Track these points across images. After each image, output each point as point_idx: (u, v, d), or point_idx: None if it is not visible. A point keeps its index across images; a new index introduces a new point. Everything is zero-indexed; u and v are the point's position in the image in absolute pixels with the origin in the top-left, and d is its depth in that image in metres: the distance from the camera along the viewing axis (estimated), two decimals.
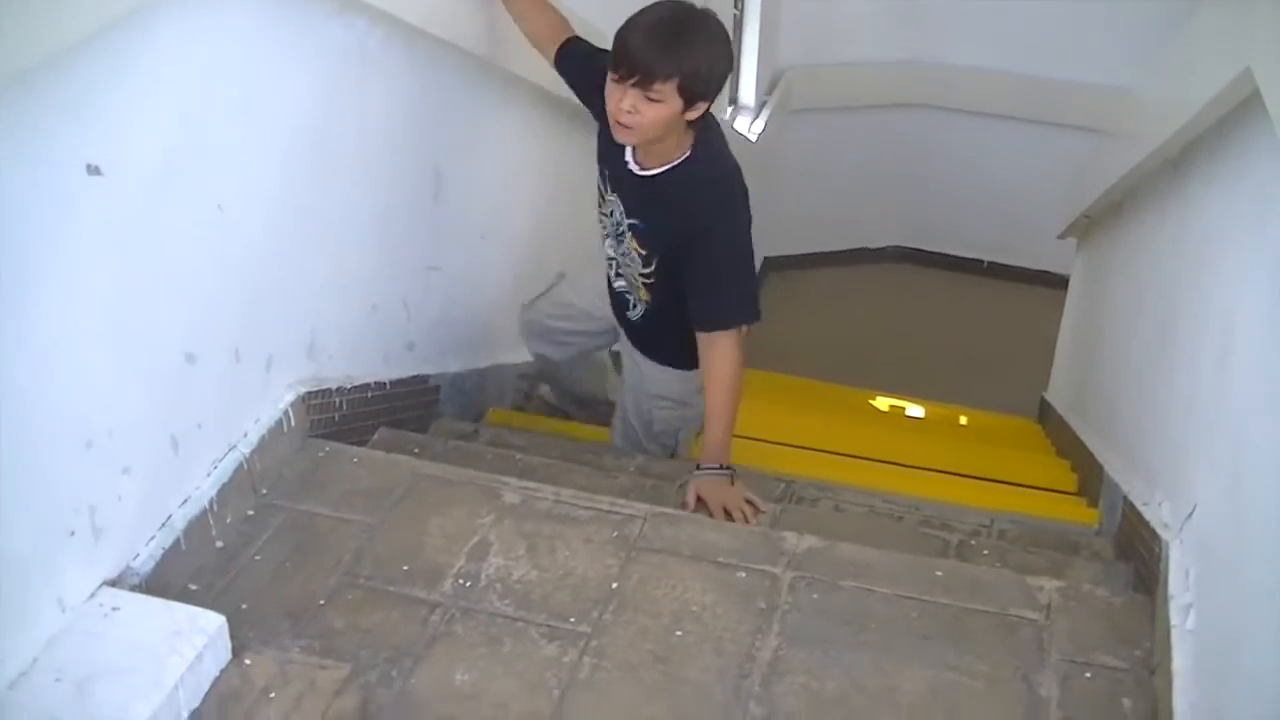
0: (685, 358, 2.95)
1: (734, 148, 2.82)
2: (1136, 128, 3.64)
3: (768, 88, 7.12)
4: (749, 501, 2.70)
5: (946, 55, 7.49)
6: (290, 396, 2.59)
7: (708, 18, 2.57)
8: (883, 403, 6.03)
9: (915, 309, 7.75)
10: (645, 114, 2.56)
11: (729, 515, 2.64)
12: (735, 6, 6.55)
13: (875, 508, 3.13)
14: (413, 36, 2.76)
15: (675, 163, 2.72)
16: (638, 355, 3.21)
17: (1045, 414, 5.68)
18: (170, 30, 1.96)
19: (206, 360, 2.27)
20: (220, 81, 2.17)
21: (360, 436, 2.88)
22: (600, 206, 2.96)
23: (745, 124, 6.75)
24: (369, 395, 2.92)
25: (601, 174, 2.92)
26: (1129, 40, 6.15)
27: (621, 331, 3.23)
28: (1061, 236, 5.83)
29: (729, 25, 6.18)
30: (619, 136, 2.66)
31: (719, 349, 2.77)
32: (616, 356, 3.47)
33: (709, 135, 2.75)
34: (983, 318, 7.63)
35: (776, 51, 7.24)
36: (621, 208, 2.86)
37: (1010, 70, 7.41)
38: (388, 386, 3.02)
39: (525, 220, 3.88)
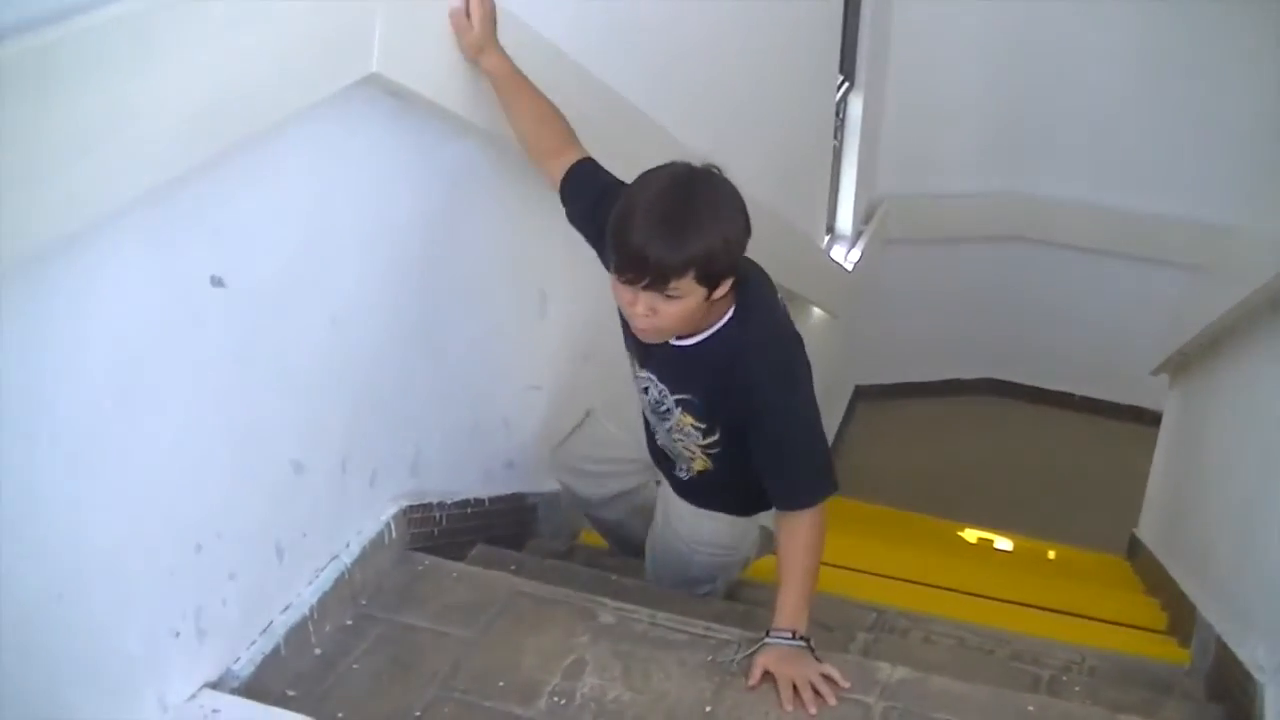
0: (742, 506, 2.78)
1: (831, 277, 2.79)
2: (1238, 265, 3.63)
3: (864, 217, 7.17)
4: (827, 678, 2.34)
5: (1042, 187, 7.54)
6: (393, 509, 2.63)
7: (712, 182, 2.25)
8: (971, 535, 5.98)
9: (1006, 441, 7.70)
10: (665, 313, 2.25)
11: (800, 693, 2.30)
12: (834, 136, 6.62)
13: (965, 640, 3.10)
14: (524, 160, 2.82)
15: (715, 329, 2.41)
16: (681, 504, 2.84)
17: (1135, 551, 5.60)
18: (296, 149, 2.05)
19: (315, 470, 2.32)
20: (339, 199, 2.25)
21: (458, 551, 2.90)
22: (634, 379, 2.68)
23: (841, 253, 6.78)
24: (468, 511, 2.95)
25: (628, 347, 2.63)
26: (1229, 176, 6.18)
27: (661, 477, 2.93)
28: (1155, 373, 5.79)
29: (828, 156, 6.27)
30: (644, 338, 2.40)
31: (802, 521, 2.45)
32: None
33: (749, 289, 2.41)
34: (1073, 452, 7.56)
35: (875, 181, 7.30)
36: (660, 385, 2.57)
37: (1106, 204, 7.44)
38: (486, 503, 3.05)
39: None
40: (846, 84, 6.71)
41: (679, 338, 2.42)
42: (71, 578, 1.72)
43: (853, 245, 6.89)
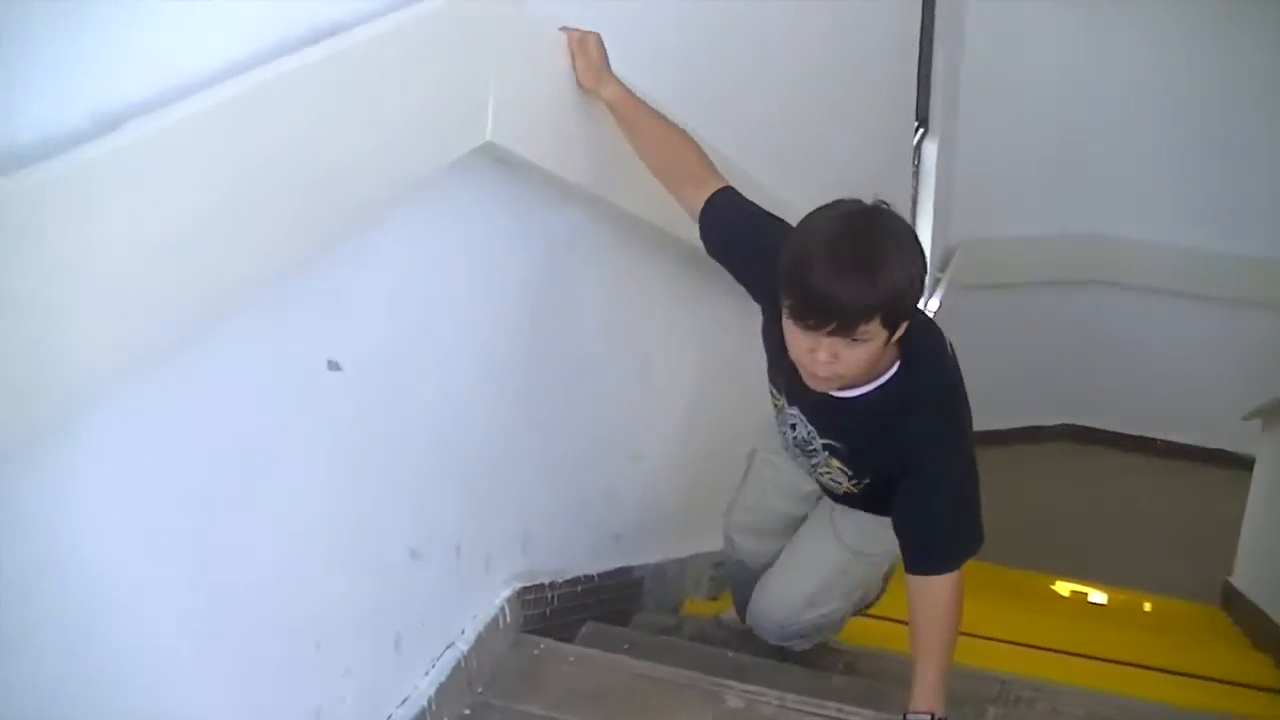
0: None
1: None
2: None
3: (940, 263, 7.06)
4: None
5: (1118, 229, 7.43)
6: (506, 592, 2.55)
7: (891, 219, 2.10)
8: (1064, 588, 5.83)
9: (1088, 488, 7.52)
10: (848, 359, 2.08)
11: None
12: (912, 180, 6.52)
13: (1094, 711, 2.98)
14: (626, 224, 2.74)
15: (882, 380, 2.24)
16: (843, 512, 2.70)
17: (1231, 599, 5.46)
18: (405, 224, 1.98)
19: (431, 556, 2.24)
20: (449, 273, 2.18)
21: (569, 630, 2.81)
22: (776, 413, 2.54)
23: (920, 304, 6.64)
24: (578, 589, 2.86)
25: (774, 381, 2.48)
26: None
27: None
28: (1247, 418, 5.63)
29: (907, 203, 6.18)
30: (816, 387, 2.20)
31: (937, 587, 2.28)
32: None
33: (917, 333, 2.22)
34: (1157, 497, 7.37)
35: (950, 228, 7.21)
36: (809, 426, 2.43)
37: (1184, 245, 7.31)
38: (595, 579, 2.96)
39: (728, 408, 3.83)
40: (922, 130, 6.62)
41: (840, 388, 2.24)
42: (196, 687, 1.64)
43: (931, 293, 6.77)
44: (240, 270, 1.51)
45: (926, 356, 2.29)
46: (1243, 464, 6.48)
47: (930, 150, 6.73)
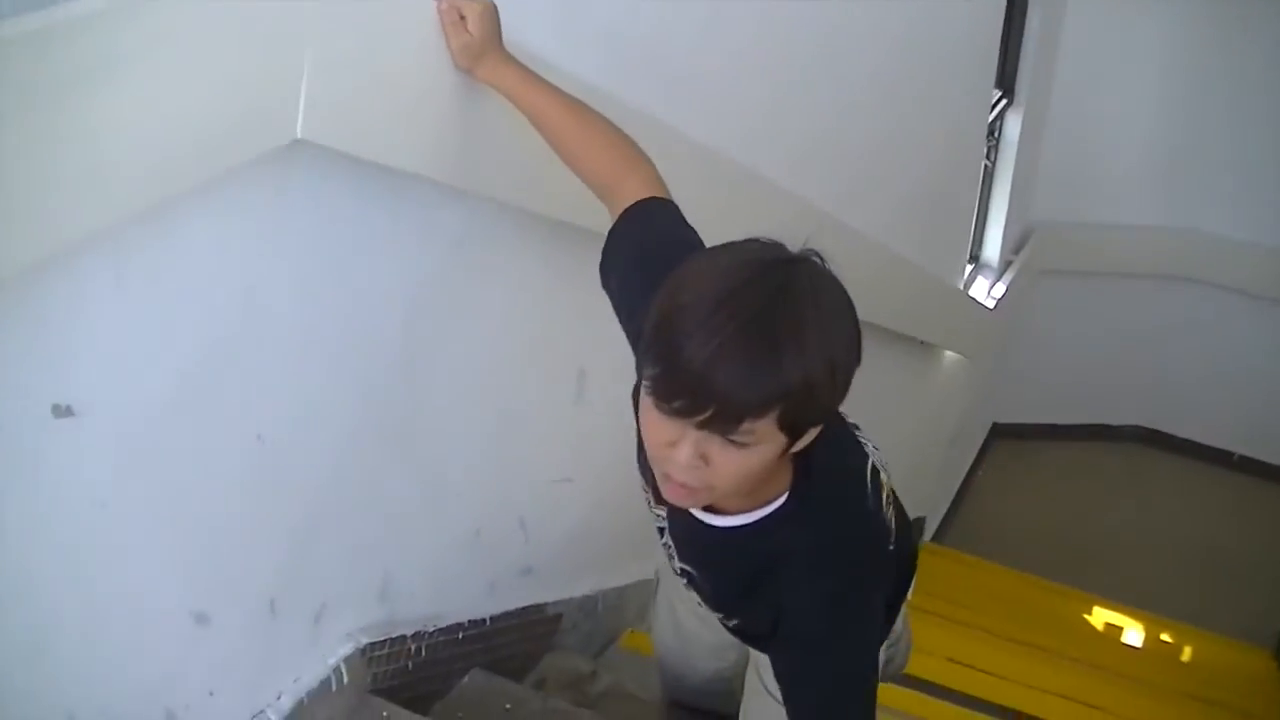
0: None
1: (968, 321, 2.01)
2: None
3: (1014, 246, 6.56)
4: None
5: (1217, 225, 6.92)
6: (345, 649, 2.15)
7: (818, 278, 1.48)
8: (1099, 619, 5.38)
9: (1151, 498, 7.09)
10: (721, 468, 1.50)
11: None
12: (988, 156, 6.01)
13: None
14: (555, 223, 2.31)
15: (763, 512, 1.69)
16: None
17: None
18: (208, 231, 1.61)
19: (226, 618, 1.86)
20: (271, 287, 1.78)
21: (445, 682, 2.43)
22: (649, 507, 1.97)
23: (984, 288, 6.16)
24: (460, 636, 2.46)
25: (642, 467, 1.86)
26: None
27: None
28: None
29: (977, 179, 5.69)
30: (672, 497, 1.60)
31: None
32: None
33: (828, 451, 1.66)
34: (1226, 517, 6.93)
35: (1029, 207, 6.70)
36: (672, 545, 1.92)
37: None
38: (488, 623, 2.55)
39: None
40: (1005, 100, 6.09)
41: (710, 509, 1.72)
42: None
43: (999, 277, 6.28)
44: None
45: (833, 489, 1.71)
46: None
47: (1014, 122, 6.20)
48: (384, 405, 2.11)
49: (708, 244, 1.71)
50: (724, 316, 1.41)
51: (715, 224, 1.79)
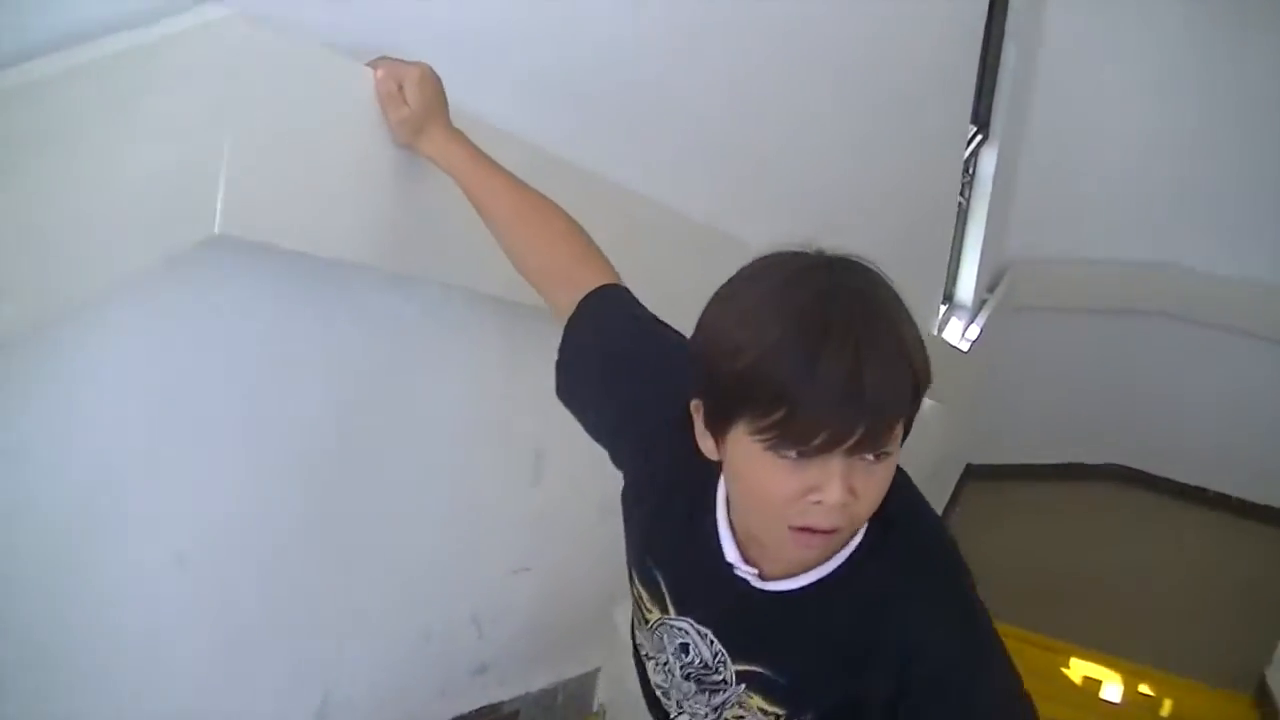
0: None
1: (942, 366, 1.77)
2: None
3: (989, 283, 6.41)
4: None
5: (1195, 260, 6.77)
6: None
7: (869, 271, 1.38)
8: (1077, 672, 5.21)
9: (1128, 538, 6.91)
10: (865, 495, 1.32)
11: None
12: (961, 194, 5.85)
13: None
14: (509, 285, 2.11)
15: (846, 554, 1.43)
16: None
17: (1265, 699, 4.88)
18: (113, 336, 1.46)
19: None
20: (190, 390, 1.62)
21: None
22: (643, 633, 1.67)
23: (958, 329, 5.99)
24: None
25: (642, 579, 1.63)
26: None
27: None
28: None
29: (952, 216, 5.55)
30: (799, 554, 1.38)
31: None
32: None
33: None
34: (1206, 554, 6.76)
35: (1004, 244, 6.56)
36: (716, 647, 1.55)
37: (1263, 281, 6.65)
38: None
39: None
40: (980, 136, 5.94)
41: (766, 575, 1.46)
42: None
43: (973, 317, 6.11)
44: None
45: (908, 503, 1.48)
46: None
47: (989, 158, 6.04)
48: (324, 510, 1.94)
49: (675, 312, 1.59)
50: (830, 325, 1.26)
51: (677, 284, 1.62)
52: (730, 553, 1.46)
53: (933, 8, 4.37)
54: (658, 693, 1.70)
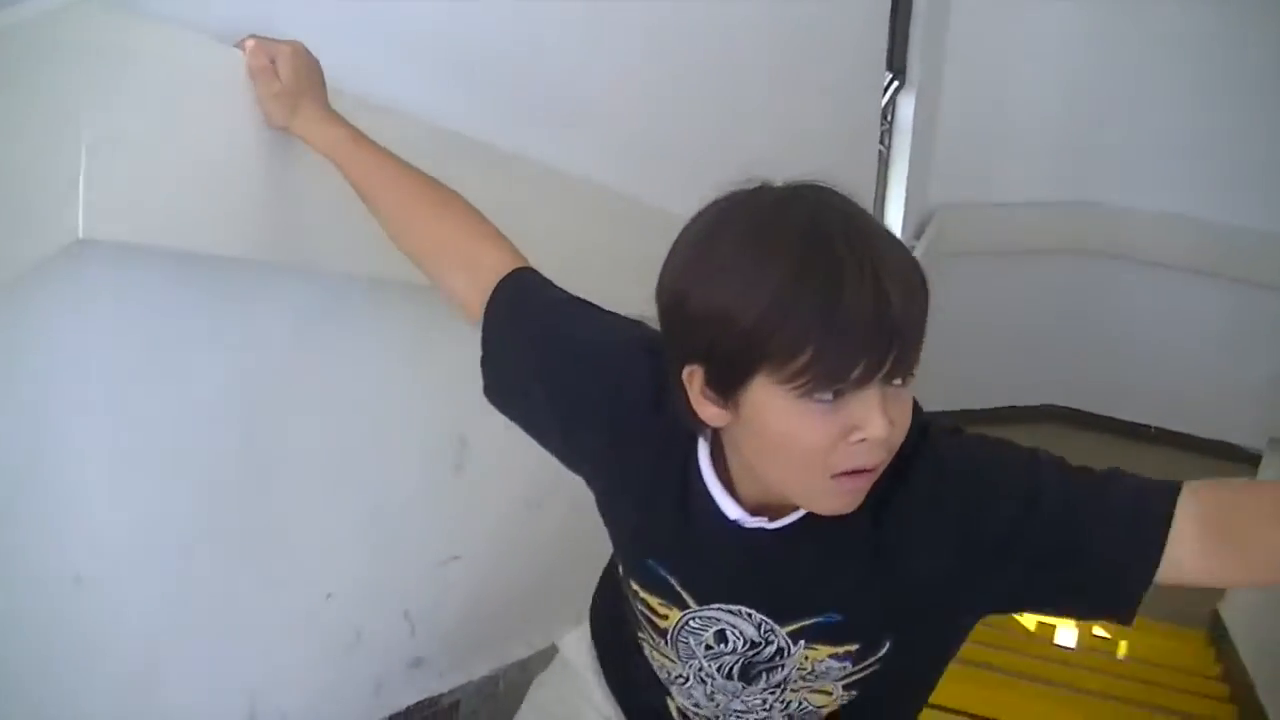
0: None
1: None
2: None
3: (915, 231, 6.37)
4: None
5: (1123, 197, 6.76)
6: None
7: (824, 188, 1.30)
8: (1030, 618, 5.16)
9: None
10: (900, 421, 1.27)
11: None
12: (881, 142, 5.80)
13: None
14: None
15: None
16: None
17: (1218, 633, 4.93)
18: None
19: None
20: (73, 404, 1.53)
21: None
22: (656, 645, 1.57)
23: None
24: None
25: (650, 581, 1.51)
26: None
27: None
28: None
29: (873, 165, 5.50)
30: (846, 502, 1.30)
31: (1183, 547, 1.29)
32: None
33: None
34: None
35: (928, 190, 6.52)
36: (756, 615, 1.44)
37: (1200, 217, 6.63)
38: None
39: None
40: (896, 83, 5.87)
41: (772, 515, 1.38)
42: None
43: None
44: None
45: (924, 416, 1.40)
46: (1247, 459, 6.00)
47: (906, 105, 5.99)
48: (231, 515, 1.85)
49: (590, 284, 1.55)
50: (841, 253, 1.21)
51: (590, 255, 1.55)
52: (731, 510, 1.38)
53: None
54: (693, 718, 1.61)
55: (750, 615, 1.45)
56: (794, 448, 1.26)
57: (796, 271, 1.20)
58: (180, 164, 1.48)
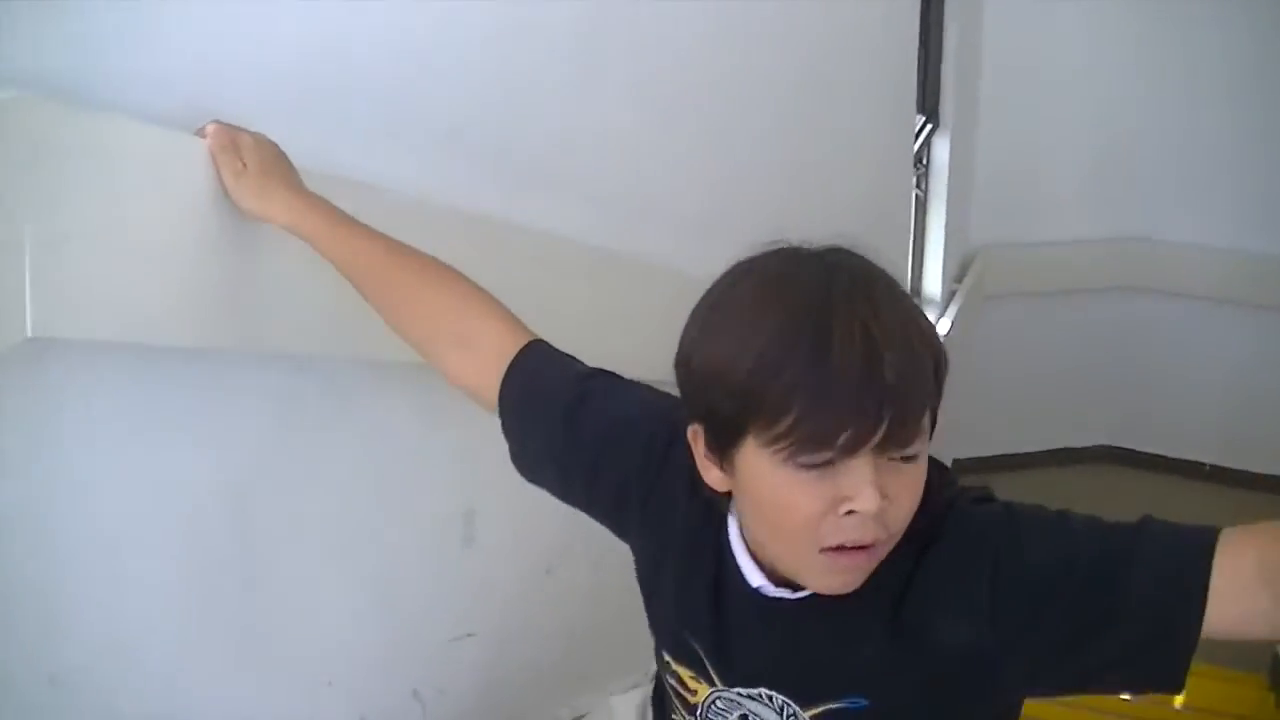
0: None
1: None
2: None
3: (957, 274, 6.28)
4: None
5: (1167, 231, 6.62)
6: None
7: (867, 261, 1.27)
8: None
9: (1126, 517, 6.75)
10: (899, 500, 1.21)
11: None
12: (918, 186, 5.73)
13: None
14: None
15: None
16: None
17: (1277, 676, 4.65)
18: None
19: None
20: (53, 514, 1.49)
21: None
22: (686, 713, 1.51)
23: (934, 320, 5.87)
24: None
25: (684, 655, 1.46)
26: None
27: None
28: None
29: (908, 210, 5.44)
30: (841, 581, 1.26)
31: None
32: None
33: None
34: None
35: (968, 232, 6.44)
36: (778, 698, 1.37)
37: (1247, 249, 6.48)
38: None
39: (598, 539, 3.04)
40: (929, 124, 5.80)
41: (799, 588, 1.31)
42: None
43: (943, 310, 5.97)
44: None
45: (956, 494, 1.35)
46: None
47: (941, 147, 5.90)
48: (223, 611, 1.81)
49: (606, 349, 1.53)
50: (839, 311, 1.17)
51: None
52: (754, 576, 1.33)
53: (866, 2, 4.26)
54: None
55: (771, 699, 1.39)
56: (782, 516, 1.22)
57: (793, 326, 1.17)
58: (131, 257, 1.43)
